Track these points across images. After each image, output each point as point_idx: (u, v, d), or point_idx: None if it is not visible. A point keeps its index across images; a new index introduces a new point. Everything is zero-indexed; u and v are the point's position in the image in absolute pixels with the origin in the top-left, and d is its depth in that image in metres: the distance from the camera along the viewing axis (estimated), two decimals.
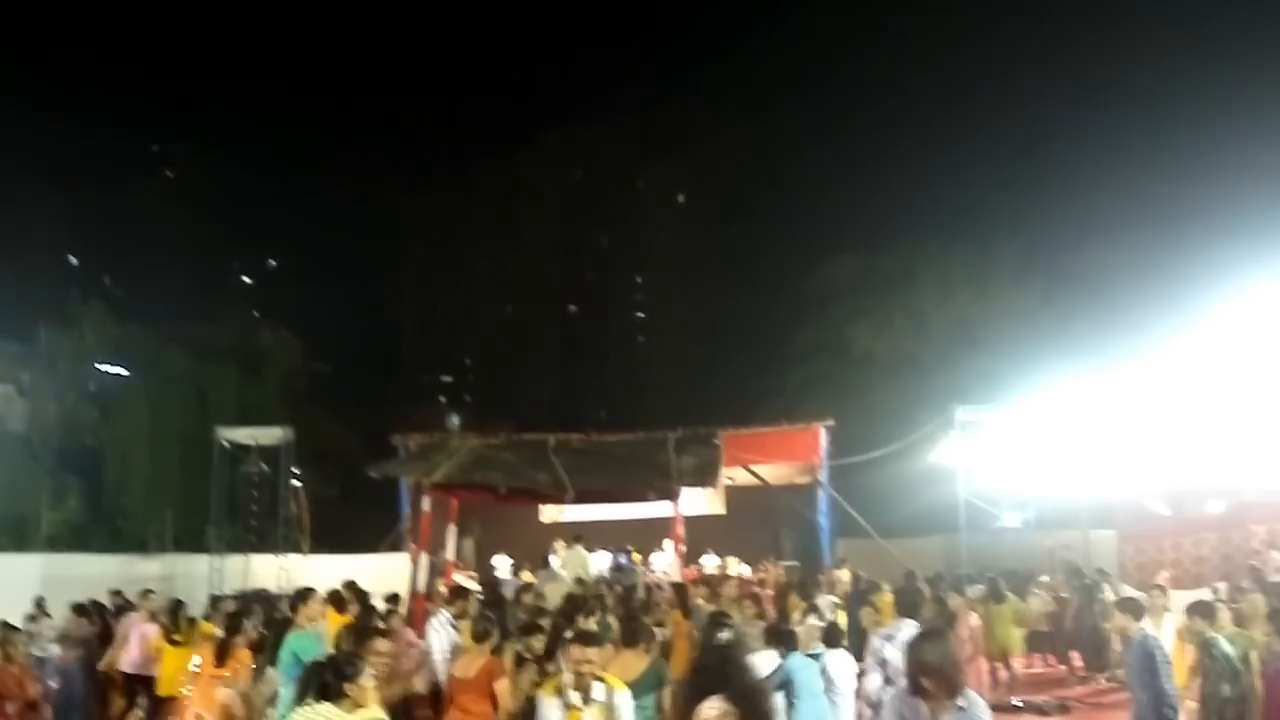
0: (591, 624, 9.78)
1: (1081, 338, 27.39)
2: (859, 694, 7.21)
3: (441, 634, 9.63)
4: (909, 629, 6.86)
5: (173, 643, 11.86)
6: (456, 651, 9.30)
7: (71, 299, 34.30)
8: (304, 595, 8.32)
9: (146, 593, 14.18)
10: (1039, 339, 28.92)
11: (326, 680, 5.43)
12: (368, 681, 5.46)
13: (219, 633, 9.30)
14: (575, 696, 6.08)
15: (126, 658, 12.74)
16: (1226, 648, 8.06)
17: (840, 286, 32.99)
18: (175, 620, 12.67)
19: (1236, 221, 26.24)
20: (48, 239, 46.26)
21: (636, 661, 6.86)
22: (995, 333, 30.56)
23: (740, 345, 43.88)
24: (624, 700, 6.15)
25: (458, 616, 10.10)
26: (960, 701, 5.07)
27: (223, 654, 8.17)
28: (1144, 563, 20.35)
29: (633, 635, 7.19)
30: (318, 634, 8.64)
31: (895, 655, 6.75)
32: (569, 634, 8.60)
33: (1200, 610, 9.26)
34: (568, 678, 6.12)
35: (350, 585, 14.16)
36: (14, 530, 24.28)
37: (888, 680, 6.83)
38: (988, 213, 35.30)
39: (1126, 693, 12.84)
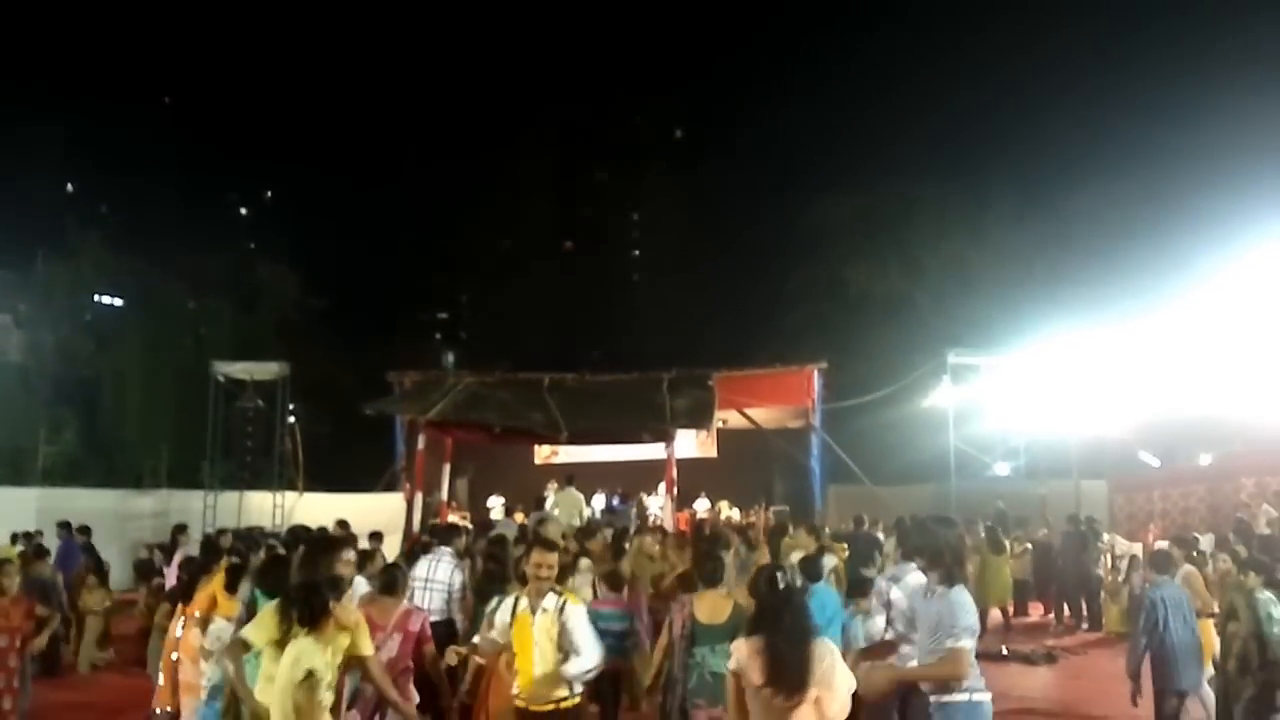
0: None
1: (1077, 281, 27.10)
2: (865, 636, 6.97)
3: (448, 568, 9.10)
4: (913, 572, 6.62)
5: None
6: (465, 591, 8.96)
7: (69, 228, 33.75)
8: (334, 544, 7.53)
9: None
10: (1034, 282, 28.64)
11: (309, 607, 5.29)
12: (348, 600, 5.45)
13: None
14: (525, 603, 5.99)
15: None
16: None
17: (836, 227, 32.52)
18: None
19: (1233, 167, 25.86)
20: (45, 167, 45.60)
21: (723, 602, 6.67)
22: (990, 275, 30.24)
23: (735, 286, 43.55)
24: (576, 615, 5.99)
25: (460, 555, 9.76)
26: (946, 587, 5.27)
27: (188, 592, 7.74)
28: (1133, 513, 20.25)
29: (713, 575, 7.00)
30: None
31: (900, 598, 6.62)
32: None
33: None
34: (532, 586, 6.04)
35: (342, 524, 14.01)
36: (10, 463, 24.09)
37: (890, 623, 6.65)
38: (984, 155, 34.81)
39: (1113, 643, 12.81)
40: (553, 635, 5.92)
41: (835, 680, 4.63)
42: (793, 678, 4.60)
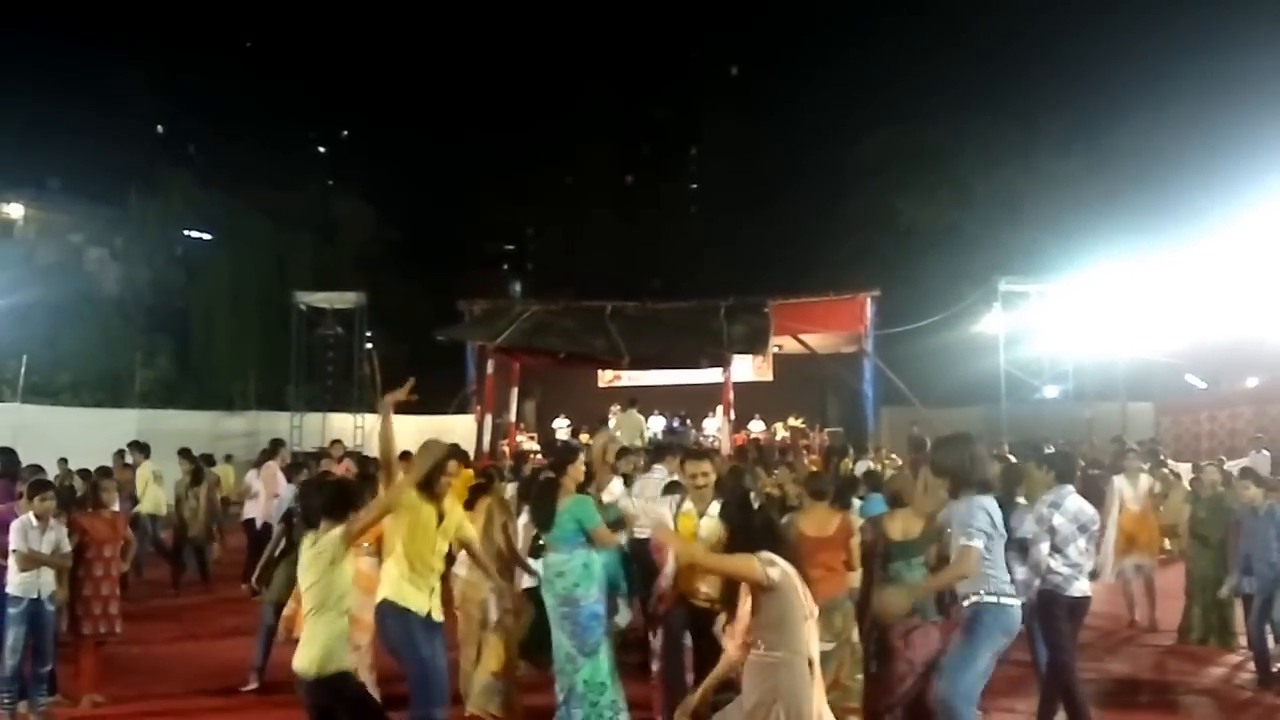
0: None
1: (1126, 209, 26.18)
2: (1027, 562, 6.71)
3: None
4: (1071, 495, 6.54)
5: None
6: None
7: (160, 166, 34.00)
8: (570, 454, 7.17)
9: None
10: (1083, 211, 27.74)
11: (335, 504, 5.21)
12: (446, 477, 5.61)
13: None
14: (689, 505, 6.38)
15: None
16: None
17: (887, 157, 31.75)
18: None
19: None
20: (137, 110, 45.86)
21: (914, 520, 6.49)
22: (1039, 204, 29.37)
23: (790, 216, 42.71)
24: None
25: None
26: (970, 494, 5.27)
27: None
28: (1180, 434, 19.73)
29: (819, 490, 6.92)
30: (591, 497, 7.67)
31: (1062, 523, 6.44)
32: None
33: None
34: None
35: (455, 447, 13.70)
36: (110, 386, 24.49)
37: (1055, 549, 6.43)
38: (1033, 85, 33.50)
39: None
40: (713, 543, 5.91)
41: None
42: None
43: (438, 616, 5.64)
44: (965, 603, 5.23)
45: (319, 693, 4.99)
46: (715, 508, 6.26)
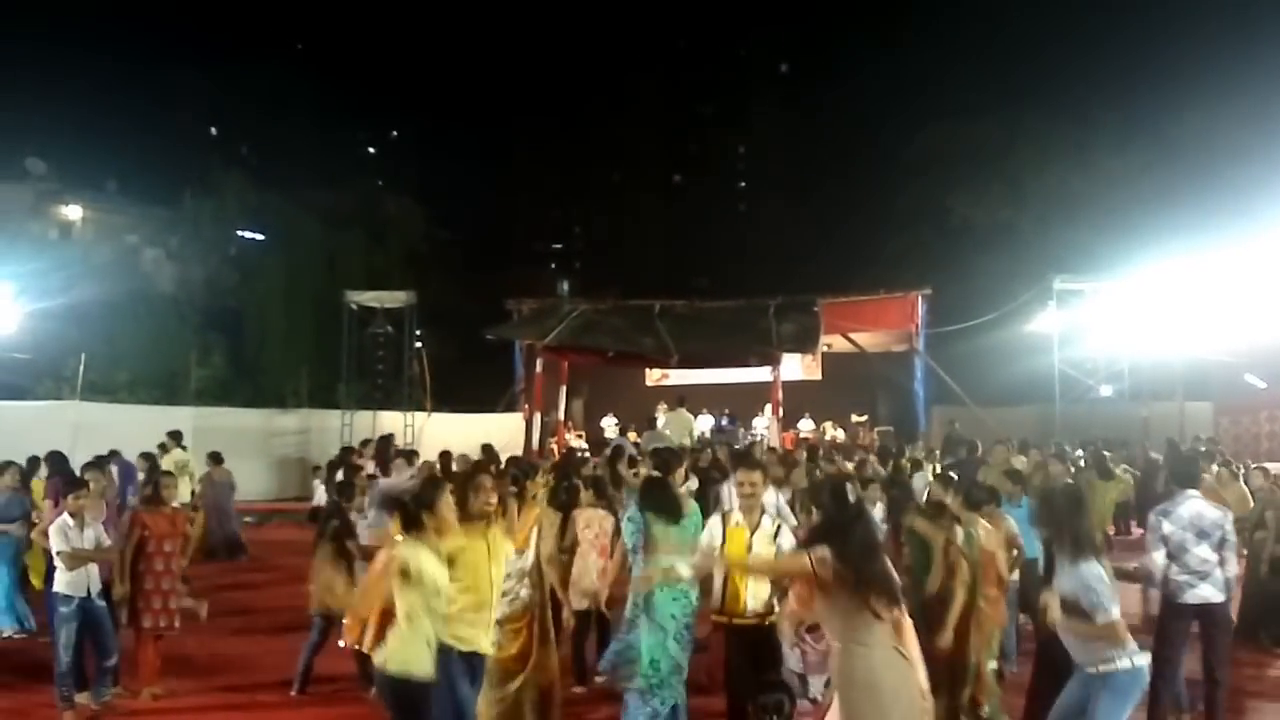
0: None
1: (1184, 206, 25.68)
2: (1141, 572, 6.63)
3: None
4: (1188, 502, 6.35)
5: None
6: None
7: (213, 167, 34.55)
8: (674, 457, 6.99)
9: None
10: (1139, 208, 27.26)
11: (409, 511, 5.16)
12: (447, 511, 5.15)
13: None
14: (738, 518, 6.04)
15: None
16: None
17: (938, 155, 31.43)
18: None
19: None
20: (191, 111, 46.68)
21: (994, 526, 6.58)
22: (1094, 203, 28.92)
23: (839, 214, 42.50)
24: (789, 539, 6.04)
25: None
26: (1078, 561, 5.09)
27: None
28: (1239, 434, 19.36)
29: (977, 500, 6.90)
30: None
31: (1173, 530, 6.30)
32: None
33: None
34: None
35: (486, 448, 13.65)
36: (165, 384, 24.87)
37: (1171, 557, 6.32)
38: (1087, 81, 33.01)
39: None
40: (771, 545, 5.93)
41: None
42: (889, 591, 4.47)
43: (487, 650, 5.49)
44: (1103, 667, 5.10)
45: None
46: (768, 522, 6.07)
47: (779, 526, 6.08)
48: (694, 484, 8.49)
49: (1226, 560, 6.28)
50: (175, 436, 15.31)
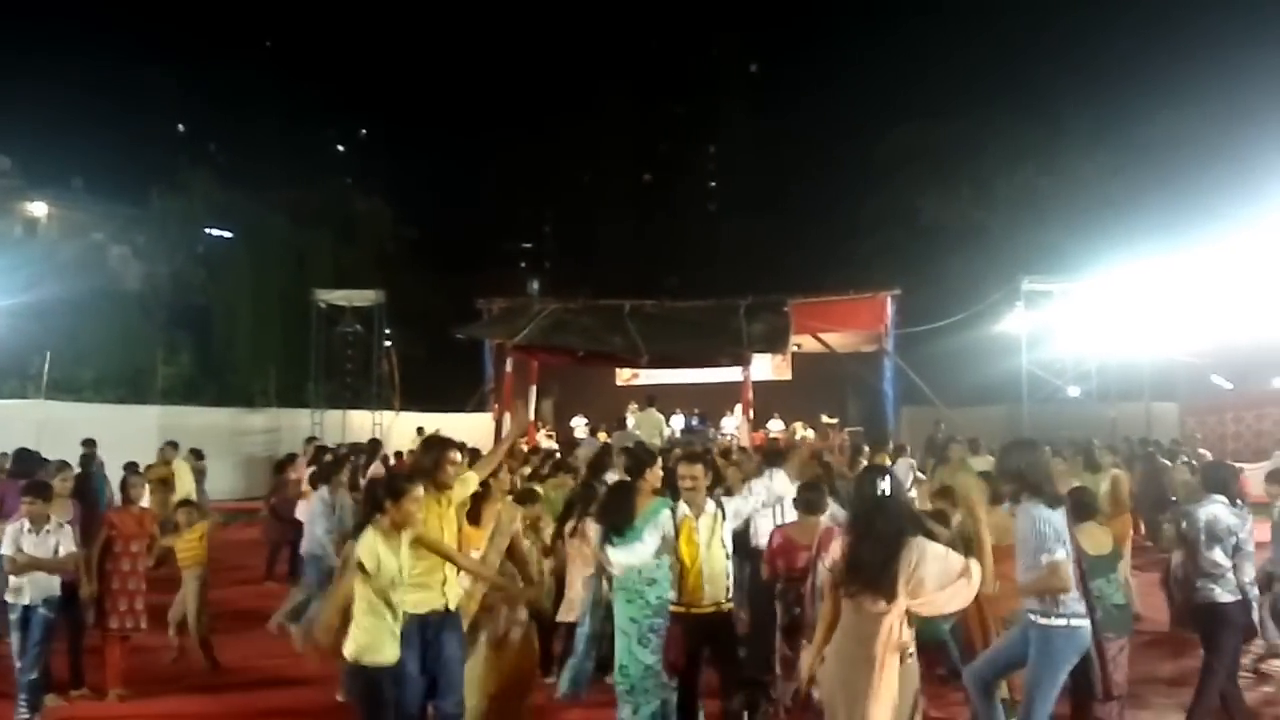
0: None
1: (1151, 209, 25.95)
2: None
3: None
4: (1207, 505, 6.42)
5: None
6: None
7: (181, 165, 34.24)
8: (648, 458, 6.89)
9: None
10: (1107, 210, 27.57)
11: (376, 497, 5.22)
12: (412, 504, 5.11)
13: None
14: (684, 510, 6.02)
15: None
16: None
17: (908, 155, 31.52)
18: None
19: None
20: (158, 107, 46.31)
21: (1101, 532, 6.48)
22: (1063, 204, 29.16)
23: (810, 214, 42.65)
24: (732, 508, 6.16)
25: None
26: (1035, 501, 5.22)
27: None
28: (1205, 435, 19.57)
29: (995, 494, 6.76)
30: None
31: (1188, 531, 6.41)
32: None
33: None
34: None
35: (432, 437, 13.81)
36: (132, 383, 24.63)
37: (1188, 558, 6.51)
38: (1057, 83, 33.27)
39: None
40: (719, 534, 5.98)
41: (925, 581, 4.42)
42: (880, 582, 4.40)
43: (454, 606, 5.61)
44: (1038, 622, 5.14)
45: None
46: (711, 506, 6.04)
47: (718, 512, 6.03)
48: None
49: (1240, 565, 6.33)
50: (174, 448, 14.94)
